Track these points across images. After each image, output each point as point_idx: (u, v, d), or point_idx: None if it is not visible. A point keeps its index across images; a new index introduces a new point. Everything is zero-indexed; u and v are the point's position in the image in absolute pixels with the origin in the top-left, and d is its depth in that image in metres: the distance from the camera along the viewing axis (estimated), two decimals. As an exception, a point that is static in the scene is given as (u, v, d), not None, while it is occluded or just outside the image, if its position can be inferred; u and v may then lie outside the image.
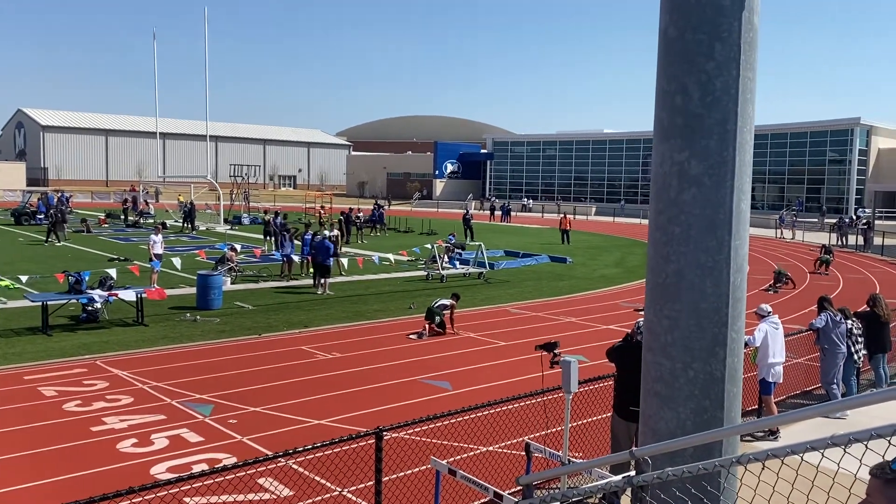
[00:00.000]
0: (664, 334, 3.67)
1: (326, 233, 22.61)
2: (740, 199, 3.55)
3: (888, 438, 2.45)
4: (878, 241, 37.52)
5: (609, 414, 7.83)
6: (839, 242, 40.08)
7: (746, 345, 9.67)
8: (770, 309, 10.17)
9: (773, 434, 9.36)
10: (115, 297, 15.96)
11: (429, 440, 8.95)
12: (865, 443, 2.51)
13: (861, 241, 39.13)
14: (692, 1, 3.47)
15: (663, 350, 3.66)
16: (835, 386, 10.64)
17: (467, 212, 42.89)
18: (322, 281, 20.98)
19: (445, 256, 25.89)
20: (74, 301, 16.10)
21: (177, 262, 21.85)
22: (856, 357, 10.99)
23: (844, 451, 2.56)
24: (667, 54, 3.61)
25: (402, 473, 7.87)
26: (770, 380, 9.73)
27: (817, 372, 11.19)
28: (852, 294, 22.08)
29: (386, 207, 50.22)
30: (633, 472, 4.55)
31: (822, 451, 2.63)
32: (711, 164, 3.49)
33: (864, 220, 44.38)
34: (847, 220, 45.45)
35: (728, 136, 3.47)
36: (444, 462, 5.87)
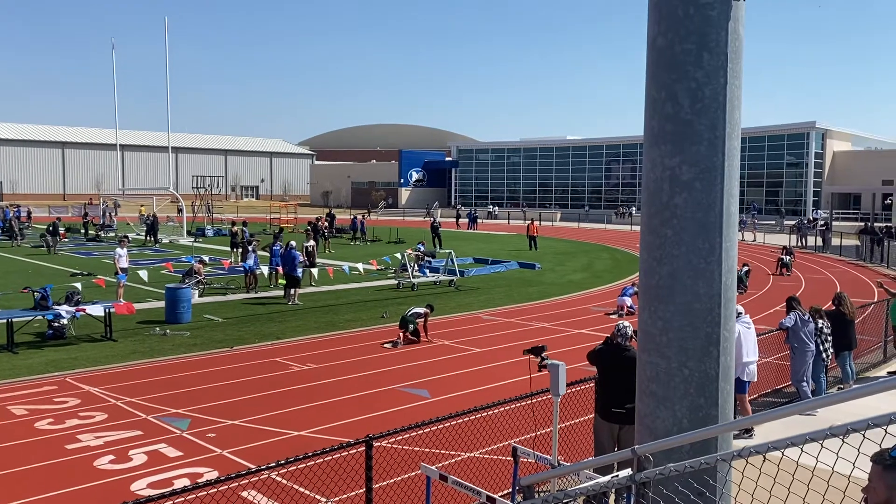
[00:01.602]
0: (659, 335, 3.76)
1: (294, 243, 22.47)
2: (730, 202, 3.67)
3: (884, 428, 2.57)
4: (835, 241, 38.54)
5: (591, 416, 7.94)
6: (799, 244, 41.06)
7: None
8: (742, 309, 10.38)
9: (747, 432, 9.58)
10: (82, 313, 15.67)
11: (412, 448, 8.97)
12: (863, 433, 2.63)
13: (820, 241, 40.17)
14: (680, 13, 3.59)
15: (658, 350, 3.76)
16: (805, 383, 10.91)
17: (435, 220, 43.01)
18: (291, 291, 20.87)
19: (415, 265, 25.92)
20: (40, 317, 15.79)
21: (144, 274, 21.57)
22: (824, 355, 11.30)
23: (843, 441, 2.67)
24: (656, 63, 3.72)
25: (390, 481, 7.88)
26: (745, 378, 9.94)
27: (787, 370, 11.46)
28: (814, 293, 22.65)
29: (368, 217, 50.62)
30: (621, 472, 4.65)
31: (821, 441, 2.75)
32: (702, 168, 3.60)
33: (822, 222, 45.58)
34: (806, 222, 46.60)
35: (717, 141, 3.59)
36: (434, 468, 5.92)
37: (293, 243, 22.15)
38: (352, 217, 46.25)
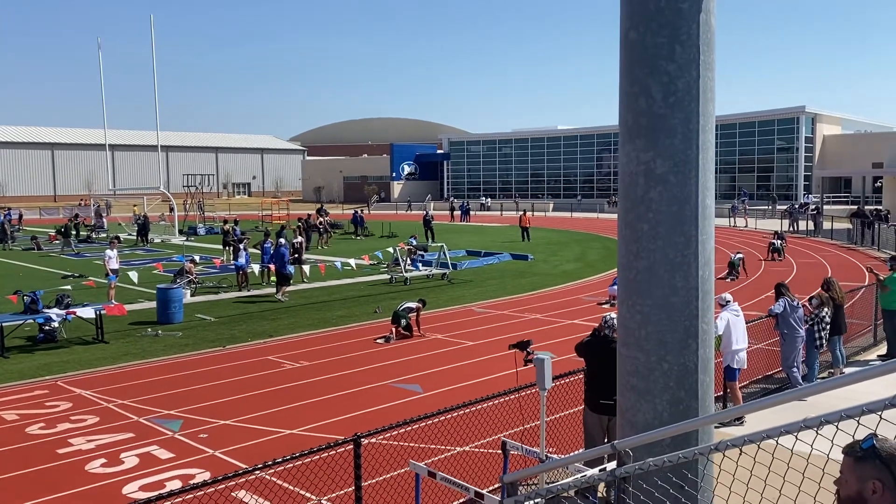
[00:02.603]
0: (637, 329, 3.77)
1: (284, 241, 22.44)
2: (705, 195, 3.66)
3: (857, 419, 2.58)
4: (826, 225, 38.64)
5: (581, 408, 7.96)
6: (791, 228, 41.15)
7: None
8: (730, 297, 10.44)
9: (738, 419, 9.61)
10: (73, 316, 15.62)
11: (404, 444, 8.98)
12: (836, 424, 2.63)
13: (811, 226, 40.26)
14: (651, 6, 3.58)
15: (637, 344, 3.76)
16: (795, 369, 10.95)
17: (427, 213, 42.93)
18: (282, 288, 20.89)
19: (408, 259, 25.91)
20: (31, 321, 15.73)
21: (133, 275, 21.52)
22: (818, 342, 11.34)
23: (817, 432, 2.68)
24: (629, 57, 3.71)
25: (380, 478, 7.90)
26: (735, 366, 9.99)
27: (778, 356, 11.50)
28: (806, 277, 22.72)
29: (368, 212, 50.95)
30: (609, 464, 4.66)
31: (795, 433, 2.75)
32: (676, 162, 3.60)
33: (814, 206, 45.68)
34: (798, 207, 46.71)
35: (691, 134, 3.58)
36: (422, 465, 5.92)
37: (283, 241, 22.13)
38: (353, 212, 46.33)
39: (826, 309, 11.40)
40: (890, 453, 2.40)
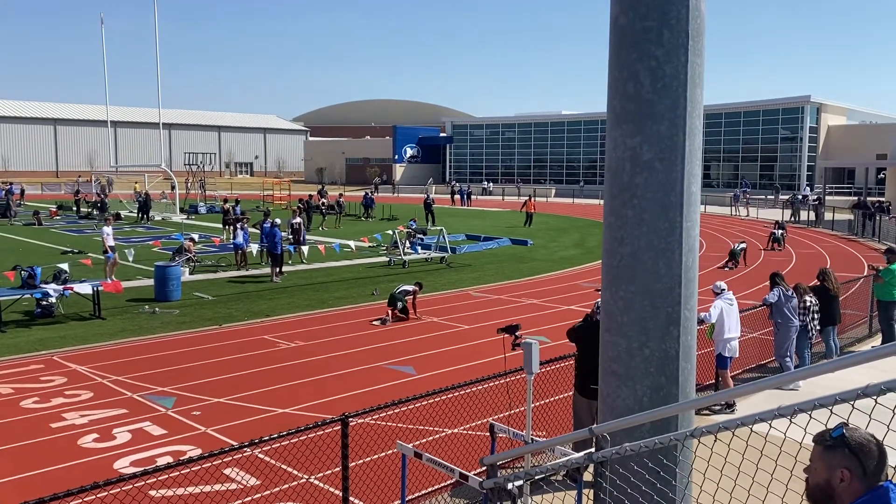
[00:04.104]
0: (620, 315, 3.77)
1: (279, 221, 22.42)
2: (691, 182, 3.65)
3: (830, 408, 2.59)
4: (828, 216, 38.53)
5: (570, 393, 7.98)
6: (792, 219, 41.04)
7: (703, 321, 9.93)
8: (725, 286, 10.44)
9: (729, 407, 9.65)
10: (70, 291, 15.65)
11: (394, 425, 9.02)
12: (809, 412, 2.64)
13: (813, 216, 40.16)
14: (641, -11, 3.54)
15: (619, 330, 3.77)
16: (788, 358, 10.97)
17: (428, 196, 42.86)
18: (276, 269, 20.91)
19: (407, 242, 25.90)
20: (28, 296, 15.78)
21: (130, 254, 21.56)
22: (810, 331, 11.34)
23: (790, 421, 2.69)
24: (618, 42, 3.68)
25: (368, 458, 7.94)
26: (726, 354, 10.01)
27: (771, 345, 11.52)
28: (804, 268, 22.69)
29: (377, 194, 51.58)
30: (594, 449, 4.68)
31: (769, 422, 2.76)
32: (662, 148, 3.58)
33: (815, 197, 45.54)
34: (800, 197, 46.57)
35: (678, 120, 3.57)
36: (409, 446, 5.96)
37: (278, 221, 22.12)
38: (364, 193, 46.44)
39: (808, 297, 11.35)
40: (859, 442, 2.42)
